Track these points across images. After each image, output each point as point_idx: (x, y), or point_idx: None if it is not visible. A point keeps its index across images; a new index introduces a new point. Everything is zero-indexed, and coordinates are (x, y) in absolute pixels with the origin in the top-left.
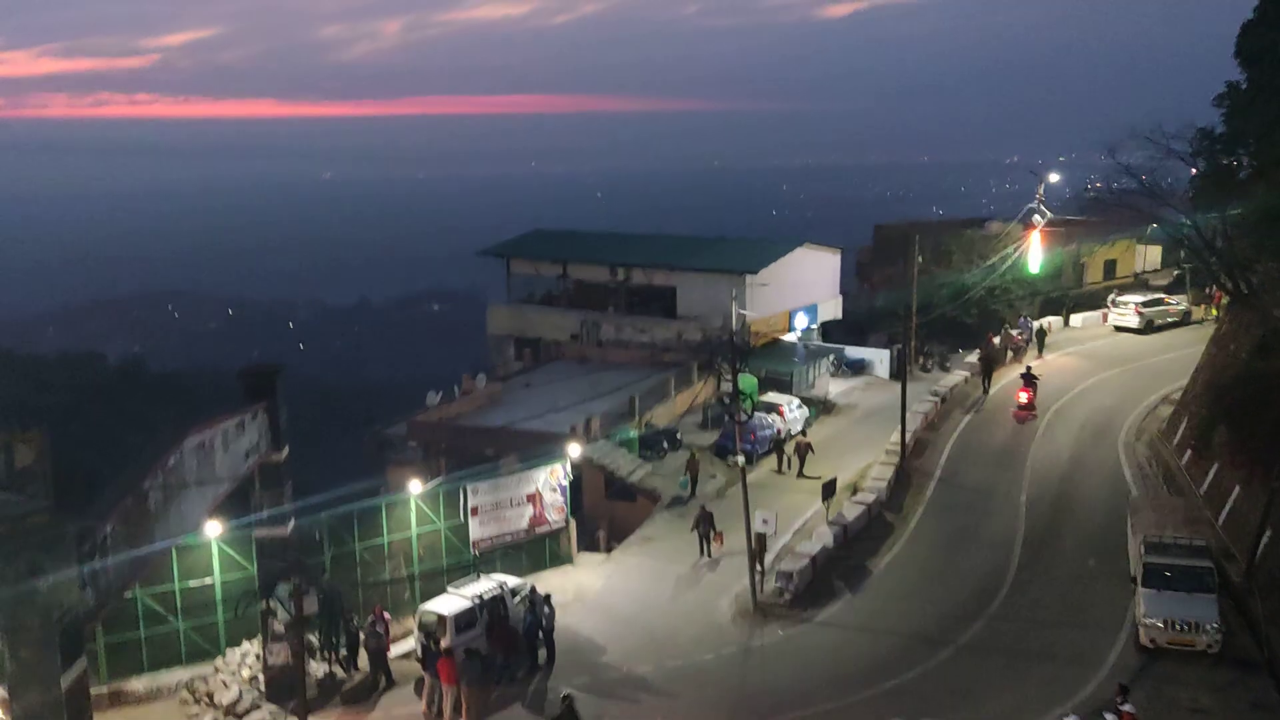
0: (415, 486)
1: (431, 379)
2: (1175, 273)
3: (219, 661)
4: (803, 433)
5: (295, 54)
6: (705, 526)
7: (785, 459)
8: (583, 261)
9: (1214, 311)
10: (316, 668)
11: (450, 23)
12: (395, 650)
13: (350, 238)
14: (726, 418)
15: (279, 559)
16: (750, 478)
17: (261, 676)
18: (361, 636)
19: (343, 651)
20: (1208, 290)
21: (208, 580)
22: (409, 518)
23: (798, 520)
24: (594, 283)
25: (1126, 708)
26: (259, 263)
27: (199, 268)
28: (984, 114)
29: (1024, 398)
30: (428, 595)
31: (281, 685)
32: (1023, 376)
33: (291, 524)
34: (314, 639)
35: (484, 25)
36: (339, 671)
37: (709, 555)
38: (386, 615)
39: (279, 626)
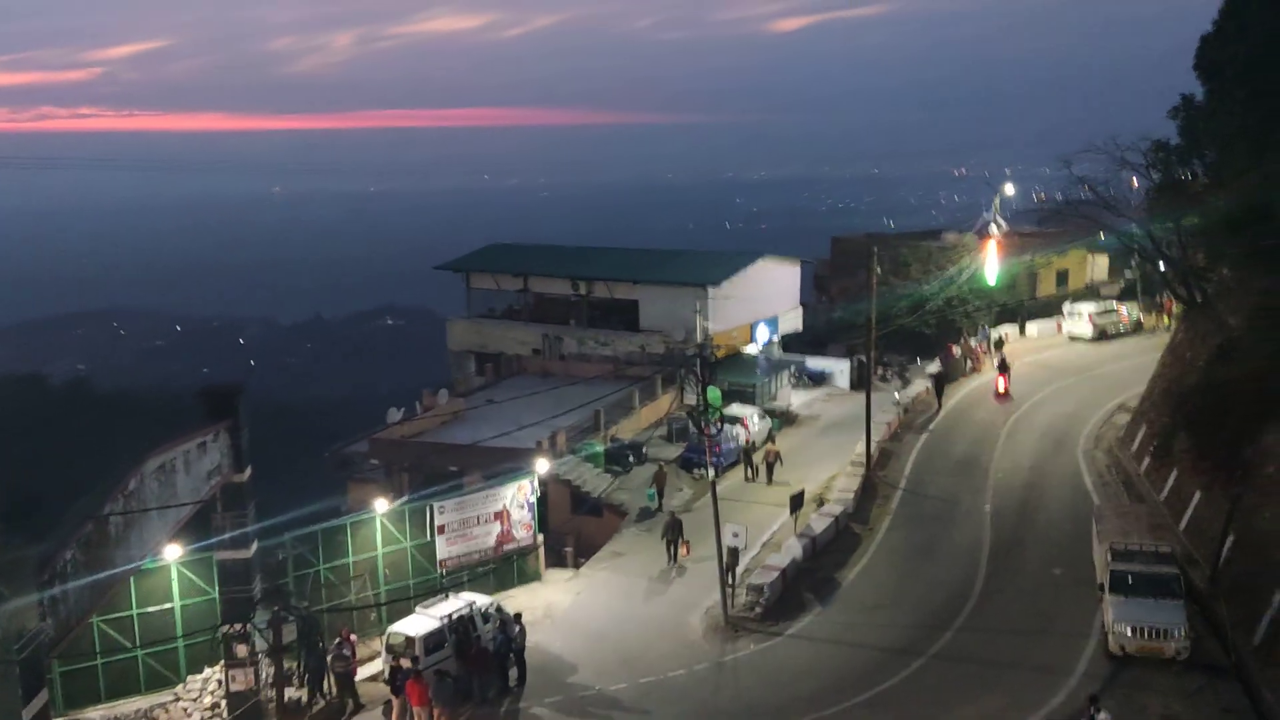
0: (380, 505)
1: (391, 396)
2: (1122, 282)
3: (179, 689)
4: (771, 440)
5: (244, 67)
6: (673, 534)
7: (754, 468)
8: (544, 275)
9: (1165, 320)
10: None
11: (402, 36)
12: (362, 672)
13: (302, 253)
14: (693, 431)
15: (245, 586)
16: (718, 489)
17: (224, 704)
18: (328, 659)
19: (310, 676)
20: (1158, 299)
21: (167, 605)
22: (374, 537)
23: (765, 533)
24: (555, 296)
25: (1102, 716)
26: (208, 279)
27: (145, 285)
28: (931, 127)
29: (1001, 385)
30: (395, 616)
31: (244, 712)
32: (998, 367)
33: (255, 546)
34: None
35: (436, 38)
36: (306, 696)
37: (676, 563)
38: (353, 637)
39: (241, 651)
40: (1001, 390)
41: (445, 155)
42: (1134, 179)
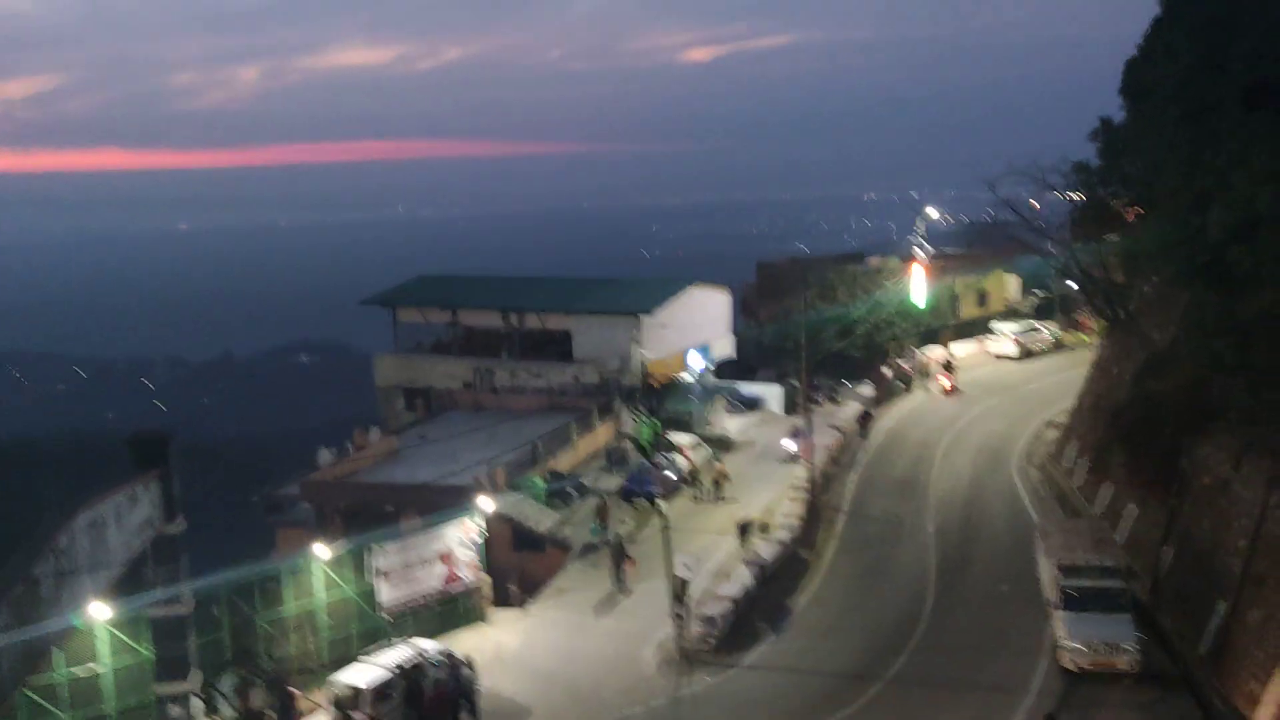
0: (321, 551)
1: (315, 435)
2: (1035, 302)
3: None
4: (718, 459)
5: (145, 102)
6: (617, 557)
7: (703, 487)
8: (473, 307)
9: (1083, 338)
10: None
11: (310, 69)
12: None
13: (210, 290)
14: (633, 461)
15: (180, 643)
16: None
17: None
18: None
19: None
20: (1075, 317)
21: (97, 668)
22: (313, 584)
23: (712, 560)
24: (486, 328)
25: None
26: (110, 319)
27: (43, 327)
28: (840, 152)
29: (946, 383)
30: (337, 665)
31: None
32: (944, 365)
33: (191, 601)
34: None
35: (345, 72)
36: None
37: (623, 584)
38: (294, 690)
39: (177, 712)
40: (948, 387)
41: (357, 188)
42: (1065, 200)
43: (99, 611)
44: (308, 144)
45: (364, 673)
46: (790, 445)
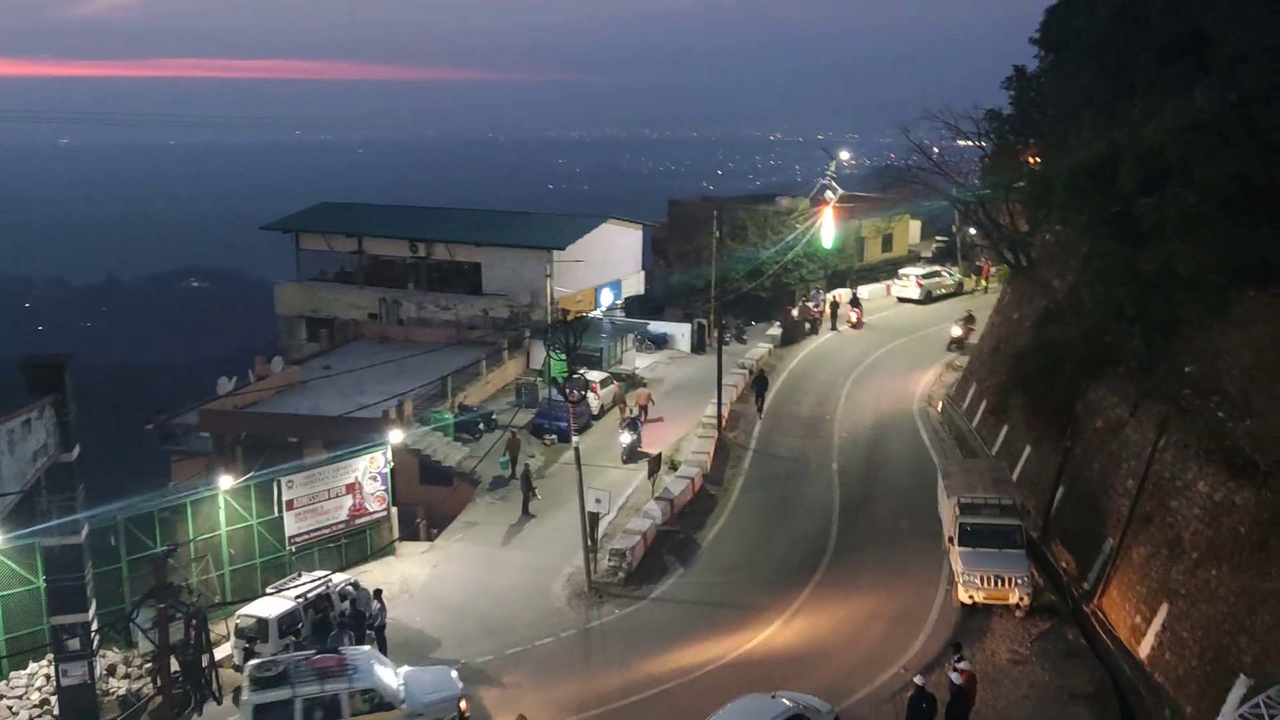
0: (224, 481)
1: (210, 364)
2: (935, 245)
3: (2, 686)
4: (643, 384)
5: (23, 7)
6: (525, 485)
7: (629, 410)
8: (380, 237)
9: (983, 283)
10: (117, 685)
11: None
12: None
13: (93, 210)
14: (544, 396)
15: (76, 574)
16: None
17: (54, 700)
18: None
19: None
20: (976, 263)
21: None
22: (217, 515)
23: (622, 495)
24: (392, 259)
25: (963, 665)
26: None
27: None
28: (746, 91)
29: (854, 316)
30: (241, 597)
31: (78, 708)
32: (851, 302)
33: (85, 530)
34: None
35: None
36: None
37: (529, 513)
38: (194, 622)
39: (74, 644)
40: (854, 320)
41: (252, 110)
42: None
43: None
44: (199, 59)
45: (270, 605)
46: (626, 438)
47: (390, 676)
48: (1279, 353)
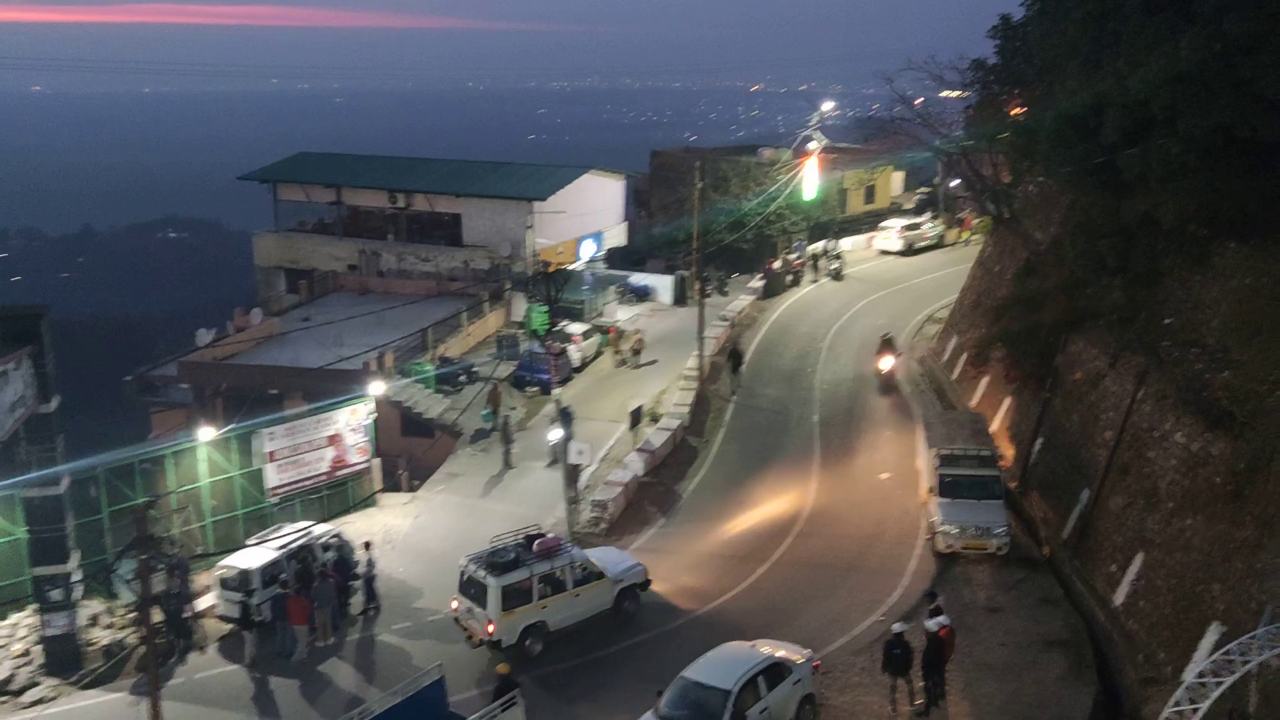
0: (205, 433)
1: (189, 315)
2: (917, 197)
3: None
4: (635, 329)
5: None
6: (505, 438)
7: (622, 354)
8: (359, 187)
9: (964, 235)
10: (100, 635)
11: None
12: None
13: (68, 159)
14: (525, 348)
15: (57, 525)
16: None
17: (39, 649)
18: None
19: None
20: (958, 215)
21: None
22: (198, 467)
23: (604, 447)
24: (371, 209)
25: (943, 619)
26: None
27: None
28: (729, 41)
29: (835, 265)
30: (223, 548)
31: (61, 657)
32: (834, 255)
33: (66, 482)
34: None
35: None
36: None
37: (510, 465)
38: (176, 573)
39: (56, 594)
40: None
41: (228, 57)
42: (950, 95)
43: None
44: (174, 5)
45: (253, 555)
46: (557, 434)
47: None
48: (1257, 305)
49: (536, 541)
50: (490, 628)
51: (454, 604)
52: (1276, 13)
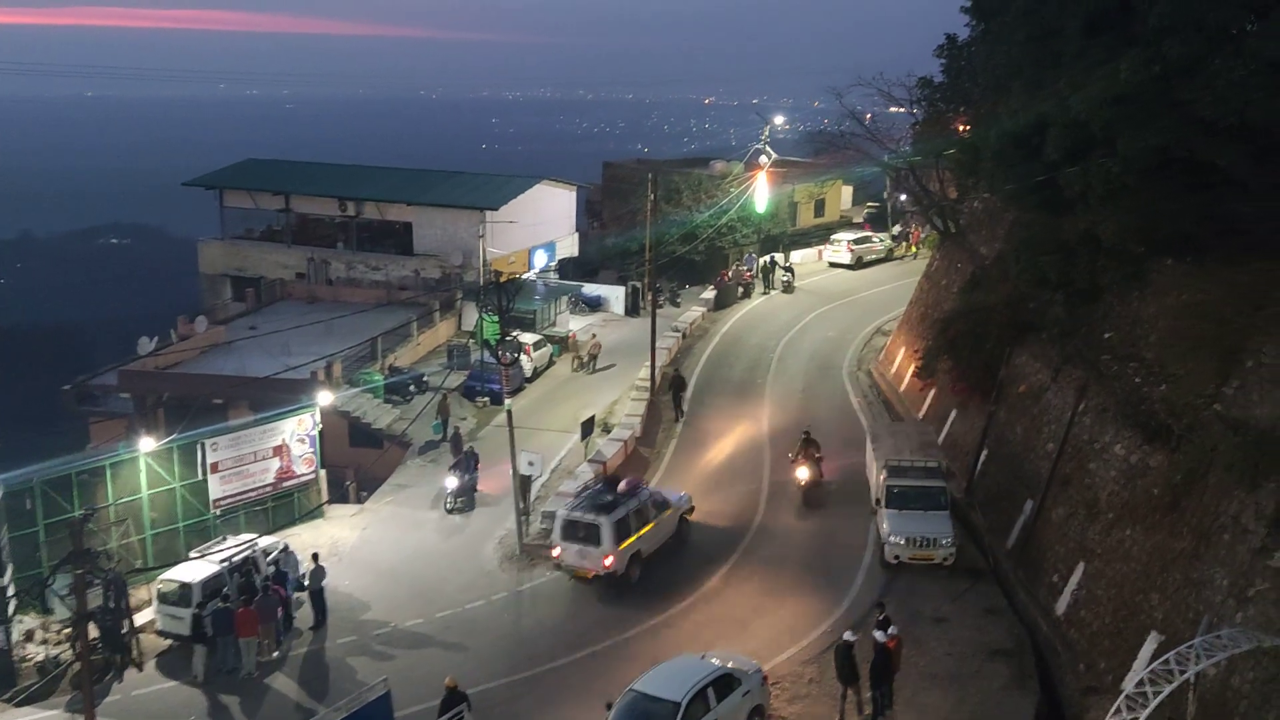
0: (146, 443)
1: (131, 323)
2: (865, 211)
3: None
4: (592, 336)
5: None
6: (455, 447)
7: (581, 359)
8: (308, 194)
9: (912, 249)
10: (34, 651)
11: None
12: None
13: (6, 162)
14: (476, 358)
15: None
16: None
17: None
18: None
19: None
20: (906, 230)
21: None
22: (138, 478)
23: (555, 458)
24: (321, 217)
25: (891, 630)
26: None
27: None
28: (681, 54)
29: (786, 277)
30: (163, 561)
31: None
32: (785, 268)
33: (0, 493)
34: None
35: None
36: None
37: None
38: (112, 588)
39: None
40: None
41: (175, 62)
42: (899, 112)
43: None
44: (119, 9)
45: (194, 569)
46: (452, 482)
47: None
48: (1193, 321)
49: (621, 483)
50: (608, 560)
51: (556, 551)
52: (1213, 37)
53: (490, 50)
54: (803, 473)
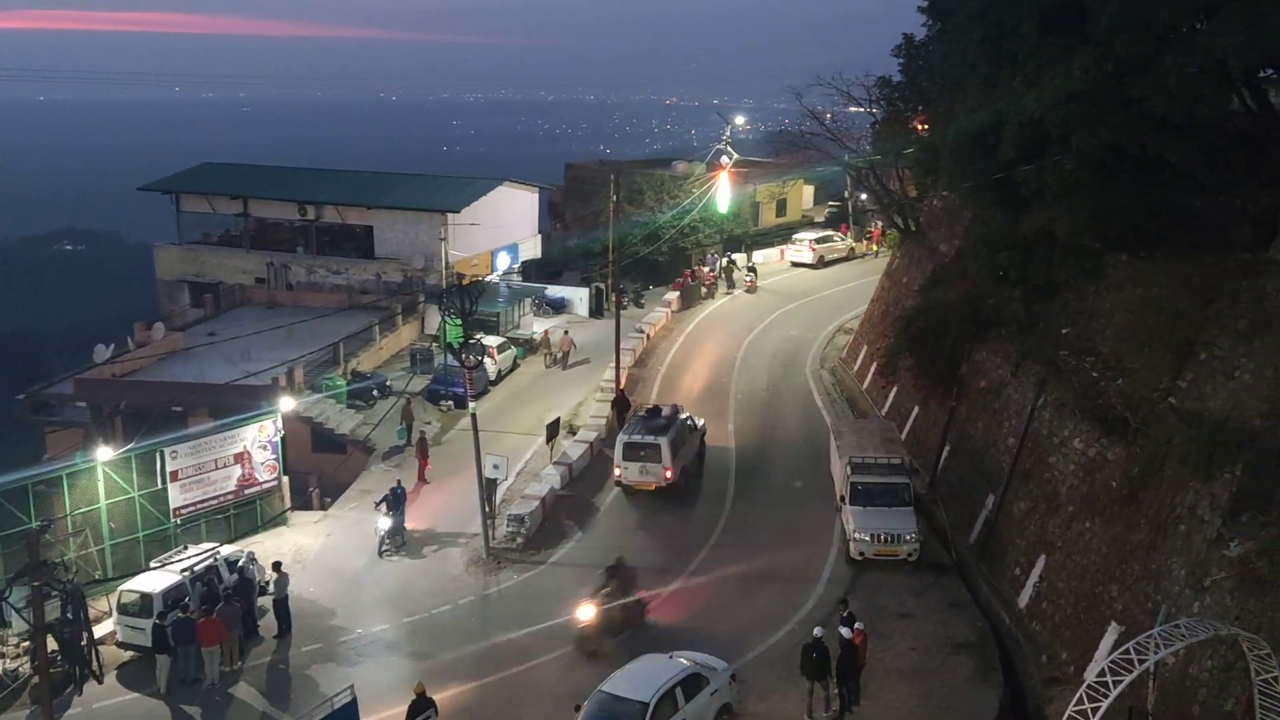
0: (103, 453)
1: (86, 330)
2: (827, 211)
3: None
4: (565, 331)
5: None
6: (421, 452)
7: (553, 356)
8: (266, 198)
9: (873, 248)
10: None
11: None
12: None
13: None
14: (439, 362)
15: None
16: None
17: None
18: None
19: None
20: (867, 229)
21: None
22: (96, 488)
23: (520, 461)
24: (280, 221)
25: (858, 626)
26: None
27: None
28: (642, 55)
29: (749, 278)
30: (123, 572)
31: None
32: (749, 269)
33: None
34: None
35: None
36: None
37: (425, 480)
38: (70, 600)
39: None
40: (750, 282)
41: (129, 64)
42: (859, 111)
43: None
44: (71, 11)
45: (155, 579)
46: (384, 523)
47: None
48: (1148, 315)
49: (664, 410)
50: (668, 473)
51: (618, 471)
52: (1163, 35)
53: (448, 51)
54: (584, 612)
